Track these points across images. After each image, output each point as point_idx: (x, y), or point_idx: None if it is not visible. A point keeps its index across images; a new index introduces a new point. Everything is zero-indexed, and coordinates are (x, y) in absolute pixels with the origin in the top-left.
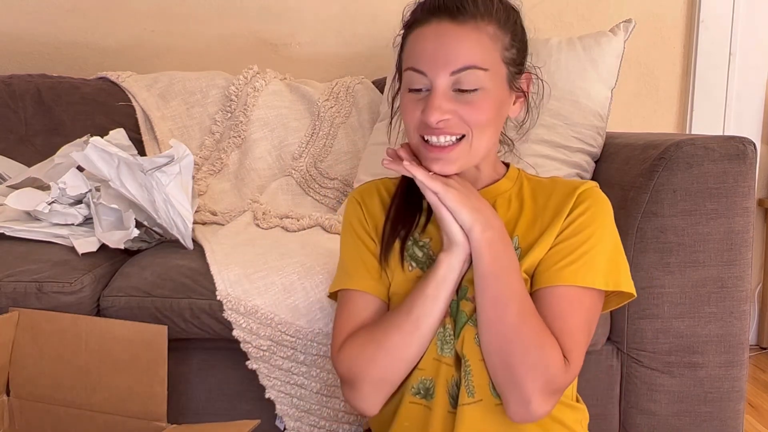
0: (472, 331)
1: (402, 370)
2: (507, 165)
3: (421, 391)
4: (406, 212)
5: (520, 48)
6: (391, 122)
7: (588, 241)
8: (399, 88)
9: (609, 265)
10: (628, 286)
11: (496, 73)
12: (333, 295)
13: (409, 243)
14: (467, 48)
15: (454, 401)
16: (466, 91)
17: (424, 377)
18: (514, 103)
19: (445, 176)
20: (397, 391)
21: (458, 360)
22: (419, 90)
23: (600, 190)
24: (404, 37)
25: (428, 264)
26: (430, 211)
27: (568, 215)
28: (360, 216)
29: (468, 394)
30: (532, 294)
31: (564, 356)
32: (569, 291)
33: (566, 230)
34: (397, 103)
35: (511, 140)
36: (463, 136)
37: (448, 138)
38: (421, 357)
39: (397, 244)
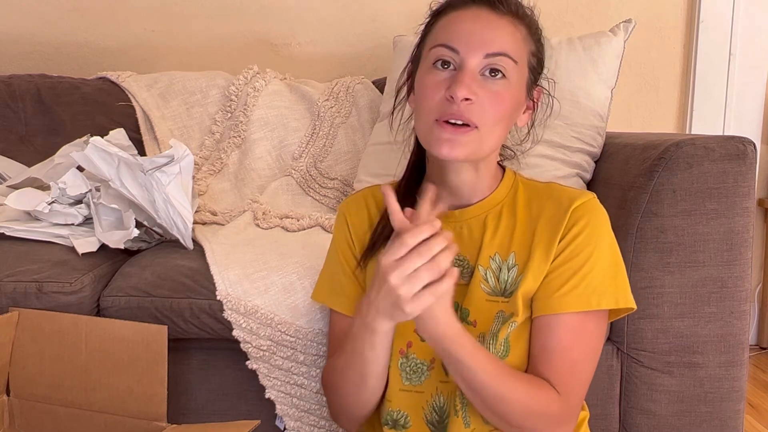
0: None
1: (367, 408)
2: (503, 168)
3: (390, 422)
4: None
5: (539, 61)
6: (393, 112)
7: (588, 262)
8: (406, 81)
9: (612, 282)
10: (630, 300)
11: (521, 72)
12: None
13: None
14: (504, 35)
15: (435, 427)
16: (494, 76)
17: (391, 409)
18: (524, 112)
19: (448, 156)
20: (377, 420)
21: (432, 386)
22: (446, 66)
23: (596, 202)
24: (432, 23)
25: None
26: None
27: (563, 237)
28: (346, 234)
29: (465, 425)
30: (533, 320)
31: (559, 390)
32: (574, 318)
33: (564, 253)
34: (401, 95)
35: (513, 151)
36: (473, 126)
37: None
38: (384, 389)
39: (373, 263)
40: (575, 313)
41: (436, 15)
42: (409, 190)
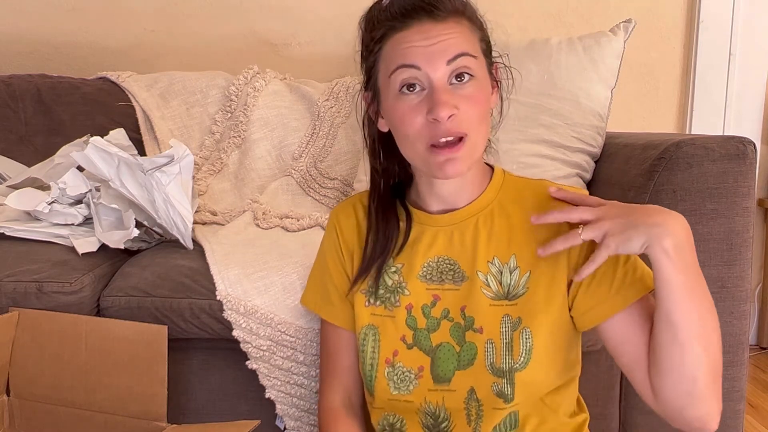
0: (489, 379)
1: None
2: (491, 167)
3: (386, 427)
4: (384, 240)
5: (488, 41)
6: (365, 142)
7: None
8: (368, 109)
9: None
10: None
11: (481, 63)
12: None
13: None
14: (456, 38)
15: (430, 430)
16: (462, 81)
17: (386, 413)
18: (492, 94)
19: (453, 175)
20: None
21: (421, 395)
22: (412, 88)
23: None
24: (378, 50)
25: (394, 295)
26: (407, 234)
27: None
28: (335, 242)
29: None
30: (605, 327)
31: None
32: (645, 300)
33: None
34: (367, 124)
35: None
36: (463, 136)
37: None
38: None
39: (365, 282)
40: (647, 293)
41: (379, 41)
42: (390, 205)
